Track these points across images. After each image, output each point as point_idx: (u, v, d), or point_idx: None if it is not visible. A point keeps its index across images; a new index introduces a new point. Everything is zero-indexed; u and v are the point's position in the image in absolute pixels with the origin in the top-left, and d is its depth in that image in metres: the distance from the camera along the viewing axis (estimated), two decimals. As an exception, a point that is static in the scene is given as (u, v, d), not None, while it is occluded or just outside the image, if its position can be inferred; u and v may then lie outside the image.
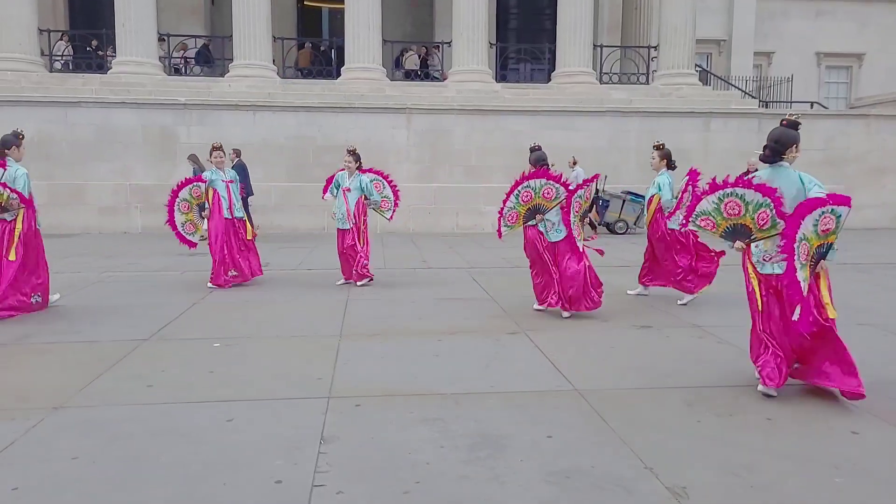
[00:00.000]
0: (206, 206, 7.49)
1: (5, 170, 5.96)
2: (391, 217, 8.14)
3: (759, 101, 17.82)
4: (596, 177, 6.52)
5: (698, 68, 17.23)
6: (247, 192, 10.52)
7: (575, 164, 13.67)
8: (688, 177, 6.67)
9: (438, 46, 16.98)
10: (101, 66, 15.13)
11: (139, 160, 13.83)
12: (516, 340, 5.17)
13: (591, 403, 3.72)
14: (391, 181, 8.11)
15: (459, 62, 15.10)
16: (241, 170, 11.95)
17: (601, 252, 6.40)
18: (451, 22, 15.54)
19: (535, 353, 4.82)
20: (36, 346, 4.90)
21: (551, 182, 5.82)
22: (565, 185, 5.89)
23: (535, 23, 19.43)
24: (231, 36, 14.98)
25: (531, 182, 5.84)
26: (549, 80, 16.05)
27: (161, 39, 15.61)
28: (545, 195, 5.82)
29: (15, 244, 5.89)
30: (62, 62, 15.73)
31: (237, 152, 12.24)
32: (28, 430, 3.28)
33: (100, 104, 13.68)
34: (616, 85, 16.08)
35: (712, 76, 19.30)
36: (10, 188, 5.86)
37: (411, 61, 16.79)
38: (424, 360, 4.63)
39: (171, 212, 7.42)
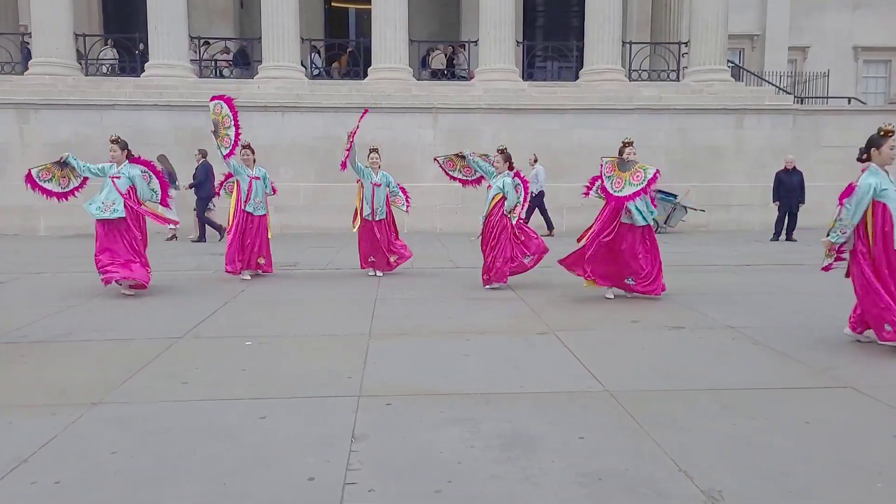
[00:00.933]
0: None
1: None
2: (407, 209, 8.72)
3: (794, 96, 17.42)
4: (656, 176, 6.58)
5: (731, 64, 16.92)
6: (208, 193, 10.26)
7: (535, 161, 13.51)
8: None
9: (465, 45, 16.96)
10: (135, 70, 15.43)
11: (172, 161, 14.05)
12: (546, 340, 5.14)
13: (623, 404, 3.68)
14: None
15: (486, 61, 15.06)
16: (204, 170, 12.17)
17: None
18: (477, 21, 15.51)
19: (564, 353, 4.78)
20: (75, 344, 5.02)
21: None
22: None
23: (563, 20, 19.29)
24: (260, 38, 15.16)
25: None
26: (576, 78, 15.92)
27: (192, 42, 15.86)
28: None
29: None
30: (100, 65, 16.07)
31: (203, 153, 12.30)
32: (68, 425, 3.36)
33: (133, 107, 13.96)
34: (646, 82, 15.88)
35: (745, 72, 18.94)
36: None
37: (438, 60, 16.79)
38: (454, 359, 4.63)
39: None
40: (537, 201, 13.26)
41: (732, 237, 13.19)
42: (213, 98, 7.91)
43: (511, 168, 7.64)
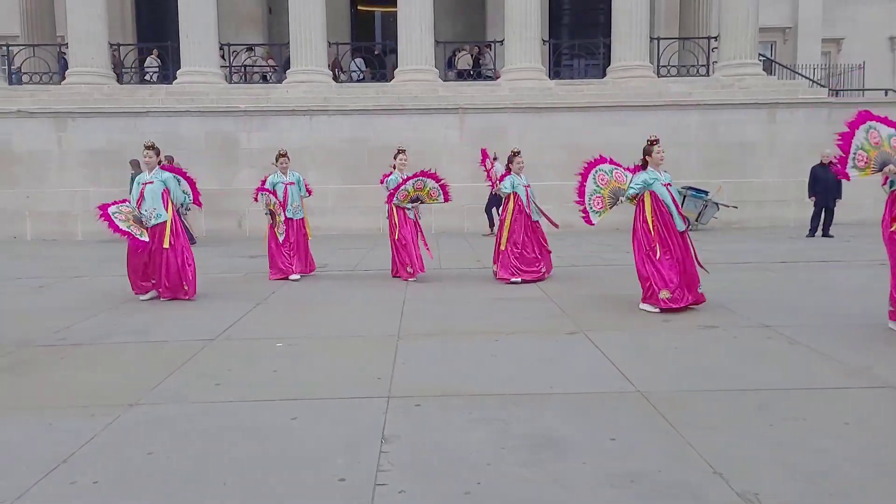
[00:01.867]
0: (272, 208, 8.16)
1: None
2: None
3: (829, 89, 17.00)
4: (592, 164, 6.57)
5: (762, 58, 16.59)
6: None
7: (495, 160, 13.39)
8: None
9: (491, 45, 16.93)
10: (167, 77, 15.74)
11: (203, 166, 14.29)
12: (575, 340, 5.10)
13: (655, 405, 3.63)
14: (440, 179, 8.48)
15: (512, 60, 15.01)
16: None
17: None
18: (503, 21, 15.47)
19: (594, 353, 4.74)
20: (112, 346, 5.13)
21: (620, 167, 5.98)
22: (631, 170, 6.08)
23: (589, 18, 19.11)
24: (288, 43, 15.34)
25: (602, 166, 5.90)
26: (603, 75, 15.77)
27: (221, 49, 16.11)
28: (618, 178, 5.88)
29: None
30: (143, 73, 16.41)
31: (169, 159, 12.12)
32: (106, 425, 3.43)
33: (166, 113, 14.25)
34: (674, 78, 15.65)
35: (777, 65, 18.55)
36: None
37: (464, 61, 16.78)
38: (482, 360, 4.62)
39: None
40: (496, 200, 13.35)
41: (766, 234, 12.93)
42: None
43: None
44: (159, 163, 7.18)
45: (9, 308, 6.64)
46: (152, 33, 18.07)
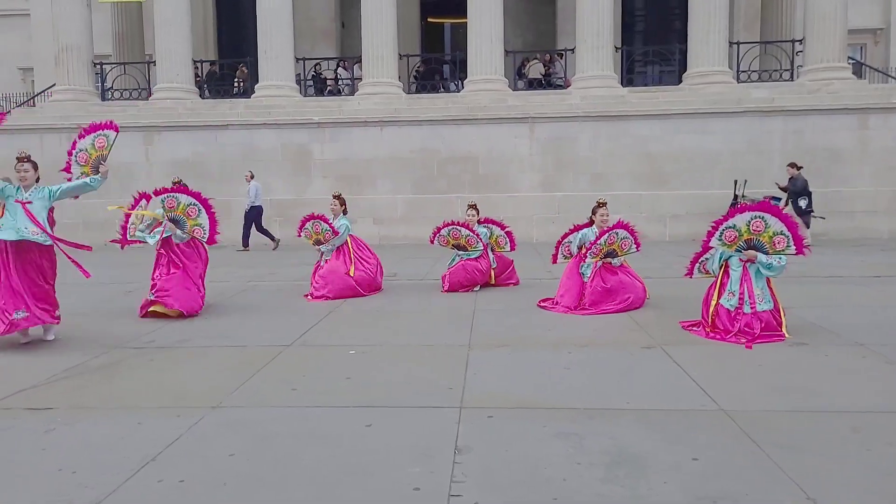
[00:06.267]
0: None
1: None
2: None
3: (926, 92, 15.87)
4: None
5: (851, 61, 15.72)
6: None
7: (252, 178, 13.50)
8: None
9: (561, 54, 16.78)
10: (245, 92, 16.39)
11: (278, 176, 14.81)
12: (652, 355, 4.94)
13: (740, 425, 3.45)
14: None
15: (583, 68, 14.80)
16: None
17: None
18: (573, 29, 15.30)
19: (673, 368, 4.57)
20: (193, 350, 5.35)
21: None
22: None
23: (664, 23, 18.62)
24: (360, 57, 15.69)
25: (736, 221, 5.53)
26: (679, 81, 15.31)
27: (297, 63, 16.64)
28: (755, 229, 5.46)
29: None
30: (229, 88, 17.16)
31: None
32: (191, 426, 3.57)
33: (245, 126, 14.83)
34: (756, 83, 15.00)
35: (868, 69, 17.53)
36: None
37: (535, 69, 16.69)
38: (555, 372, 4.54)
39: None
40: (252, 216, 13.46)
41: (856, 246, 12.17)
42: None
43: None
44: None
45: (101, 311, 7.04)
46: (232, 50, 18.88)
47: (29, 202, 5.43)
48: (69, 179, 6.11)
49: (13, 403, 4.04)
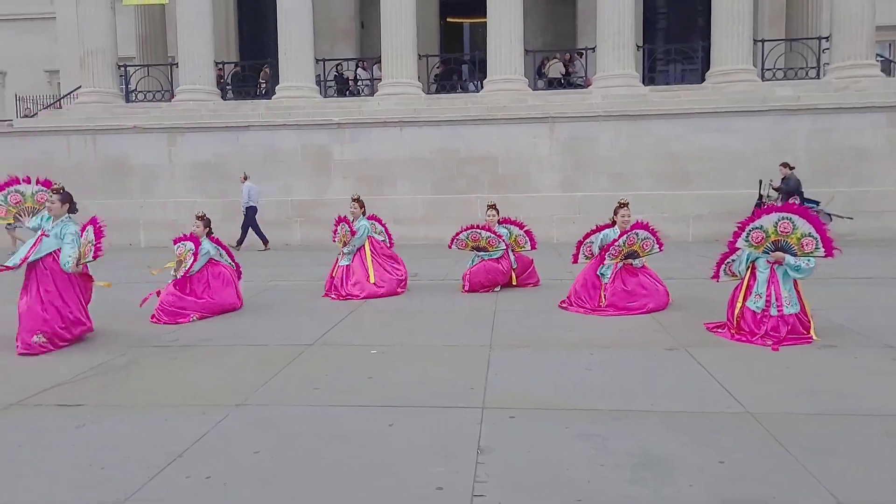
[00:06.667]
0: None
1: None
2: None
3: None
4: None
5: (879, 58, 15.41)
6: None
7: (245, 179, 13.58)
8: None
9: (581, 53, 16.68)
10: (267, 93, 16.53)
11: (299, 177, 14.91)
12: (676, 356, 4.89)
13: (767, 428, 3.40)
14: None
15: (604, 67, 14.70)
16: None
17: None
18: (593, 30, 15.19)
19: (697, 369, 4.52)
20: (216, 349, 5.40)
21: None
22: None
23: (686, 21, 18.42)
24: (379, 57, 15.74)
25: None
26: (702, 80, 15.14)
27: (317, 63, 16.73)
28: (782, 230, 5.33)
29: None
30: (235, 90, 17.35)
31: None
32: (216, 423, 3.61)
33: (266, 127, 14.95)
34: (781, 81, 14.77)
35: (896, 66, 17.18)
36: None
37: (555, 69, 16.60)
38: (577, 373, 4.51)
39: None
40: (250, 218, 13.56)
41: (885, 246, 11.94)
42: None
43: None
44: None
45: (125, 310, 7.13)
46: (253, 51, 19.05)
47: (46, 235, 5.43)
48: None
49: (44, 400, 4.11)
